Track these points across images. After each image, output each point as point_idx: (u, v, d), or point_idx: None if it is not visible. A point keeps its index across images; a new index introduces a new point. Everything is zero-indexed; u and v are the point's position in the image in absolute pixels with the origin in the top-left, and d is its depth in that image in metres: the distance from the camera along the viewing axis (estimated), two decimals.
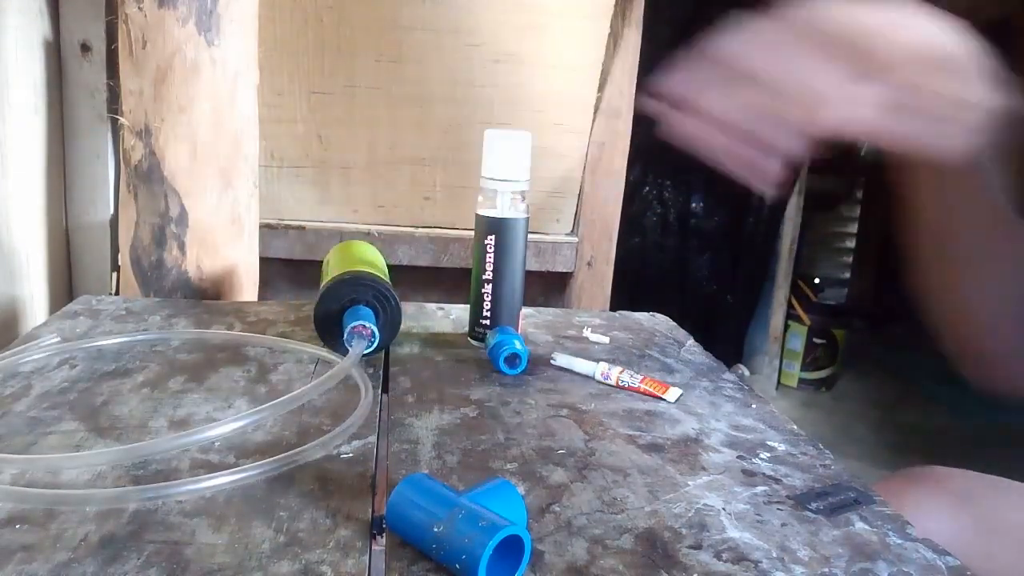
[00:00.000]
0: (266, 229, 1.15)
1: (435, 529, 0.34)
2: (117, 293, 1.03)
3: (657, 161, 2.16)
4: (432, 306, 0.79)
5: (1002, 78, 0.40)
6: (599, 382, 0.59)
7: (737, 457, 0.48)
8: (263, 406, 0.47)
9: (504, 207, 0.63)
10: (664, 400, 0.57)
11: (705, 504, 0.42)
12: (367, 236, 1.22)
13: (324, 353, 0.60)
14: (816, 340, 2.48)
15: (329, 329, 0.59)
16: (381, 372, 0.59)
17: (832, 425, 2.27)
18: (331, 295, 0.59)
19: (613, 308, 0.87)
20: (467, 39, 1.15)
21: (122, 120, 0.81)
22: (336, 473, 0.43)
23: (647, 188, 2.21)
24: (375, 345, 0.56)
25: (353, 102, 1.17)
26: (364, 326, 0.56)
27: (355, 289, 0.59)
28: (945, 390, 2.49)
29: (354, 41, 1.14)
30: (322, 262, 0.70)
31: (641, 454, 0.48)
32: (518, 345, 0.60)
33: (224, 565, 0.34)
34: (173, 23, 0.77)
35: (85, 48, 1.03)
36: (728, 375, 0.64)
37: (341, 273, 0.60)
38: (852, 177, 2.96)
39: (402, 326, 0.62)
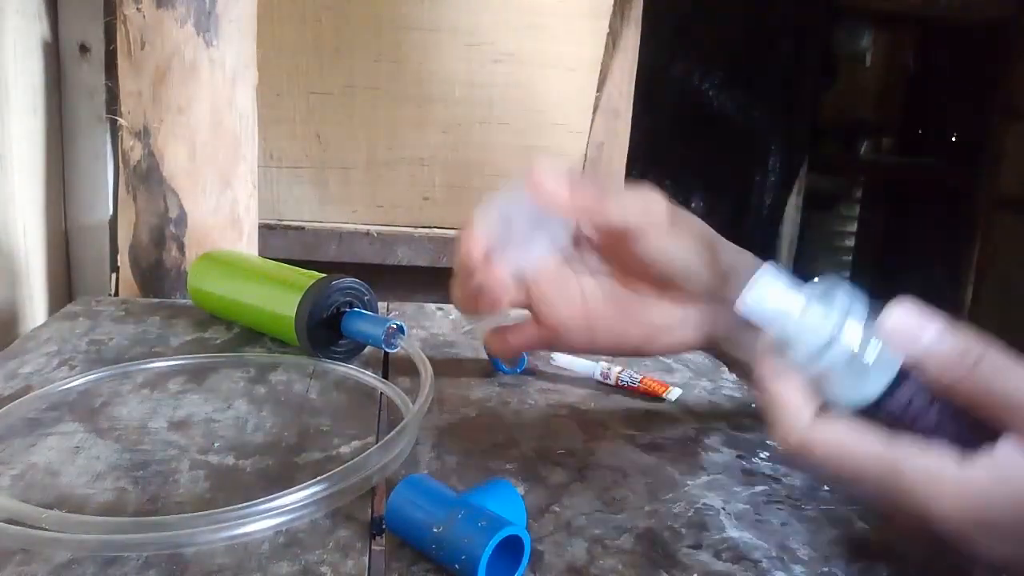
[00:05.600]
0: (265, 229, 1.15)
1: (435, 529, 0.34)
2: (116, 294, 1.03)
3: (656, 161, 2.17)
4: (431, 306, 0.79)
5: None
6: (599, 382, 0.59)
7: (737, 456, 0.48)
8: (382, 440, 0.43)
9: None
10: (664, 400, 0.57)
11: (705, 504, 0.42)
12: (366, 236, 1.22)
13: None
14: None
15: (318, 339, 0.58)
16: (380, 372, 0.59)
17: None
18: (316, 306, 0.57)
19: None
20: (466, 39, 1.15)
21: (121, 121, 0.81)
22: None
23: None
24: (406, 335, 0.56)
25: (352, 102, 1.17)
26: (393, 325, 0.56)
27: (336, 294, 0.59)
28: None
29: (353, 41, 1.14)
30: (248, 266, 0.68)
31: (641, 454, 0.48)
32: None
33: (224, 566, 0.34)
34: (172, 24, 0.77)
35: (84, 49, 1.03)
36: (728, 374, 0.64)
37: (315, 282, 0.59)
38: (852, 177, 2.97)
39: None
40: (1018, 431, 0.30)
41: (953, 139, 2.80)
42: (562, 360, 0.62)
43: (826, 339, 0.31)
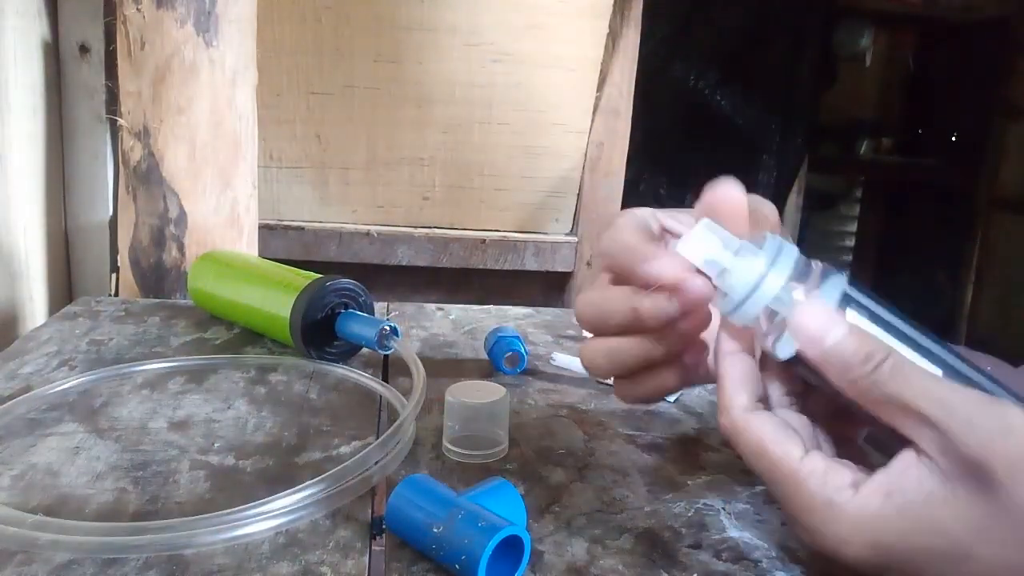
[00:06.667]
0: (265, 230, 1.15)
1: (435, 530, 0.34)
2: (116, 294, 1.03)
3: (656, 161, 2.17)
4: (431, 306, 0.79)
5: None
6: (599, 382, 0.59)
7: (737, 456, 0.48)
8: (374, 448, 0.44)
9: None
10: (664, 400, 0.57)
11: (705, 503, 0.42)
12: (366, 236, 1.22)
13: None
14: None
15: (312, 339, 0.58)
16: (380, 373, 0.59)
17: None
18: (311, 307, 0.57)
19: None
20: (466, 39, 1.15)
21: (121, 121, 0.81)
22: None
23: (644, 187, 2.21)
24: (400, 337, 0.56)
25: (352, 102, 1.17)
26: (386, 327, 0.55)
27: (331, 295, 0.59)
28: None
29: (352, 41, 1.14)
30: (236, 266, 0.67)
31: (641, 454, 0.48)
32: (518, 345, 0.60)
33: (224, 566, 0.34)
34: (172, 24, 0.77)
35: (84, 49, 1.03)
36: None
37: (310, 283, 0.58)
38: (852, 177, 2.97)
39: (401, 327, 0.62)
40: (912, 438, 0.29)
41: (953, 139, 2.80)
42: (562, 360, 0.62)
43: (750, 287, 0.32)
